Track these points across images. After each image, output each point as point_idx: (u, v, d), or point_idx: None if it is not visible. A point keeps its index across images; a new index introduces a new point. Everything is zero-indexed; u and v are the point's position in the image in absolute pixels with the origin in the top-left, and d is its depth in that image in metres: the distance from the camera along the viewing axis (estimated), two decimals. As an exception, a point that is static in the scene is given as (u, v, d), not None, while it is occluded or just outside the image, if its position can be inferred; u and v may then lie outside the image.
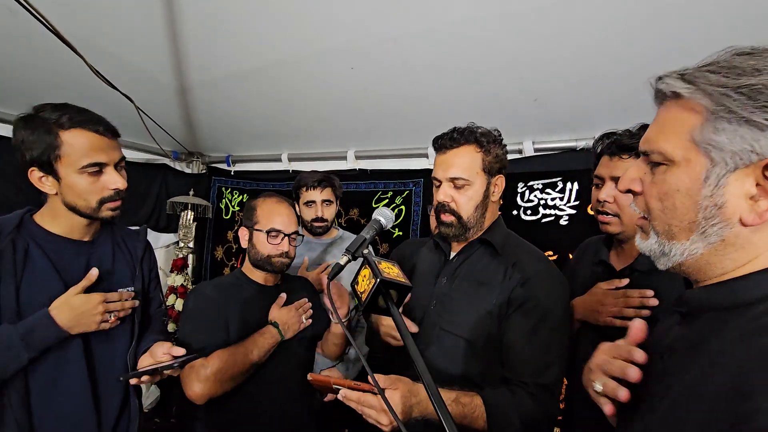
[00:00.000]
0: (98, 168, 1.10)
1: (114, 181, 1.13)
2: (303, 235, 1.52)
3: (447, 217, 1.22)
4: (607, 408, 0.67)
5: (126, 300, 1.21)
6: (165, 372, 1.12)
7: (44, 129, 1.05)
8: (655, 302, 1.13)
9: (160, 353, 1.15)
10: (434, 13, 1.34)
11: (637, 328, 0.67)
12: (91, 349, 1.17)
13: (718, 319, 0.56)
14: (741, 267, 0.55)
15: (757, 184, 0.52)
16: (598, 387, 0.69)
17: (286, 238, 1.45)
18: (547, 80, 1.70)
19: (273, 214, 1.45)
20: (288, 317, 1.44)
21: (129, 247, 1.31)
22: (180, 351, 1.15)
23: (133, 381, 1.14)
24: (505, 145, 1.26)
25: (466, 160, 1.19)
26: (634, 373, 0.62)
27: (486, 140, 1.20)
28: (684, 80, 0.56)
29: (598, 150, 1.30)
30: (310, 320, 1.51)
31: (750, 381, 0.46)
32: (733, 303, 0.55)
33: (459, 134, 1.20)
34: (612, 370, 0.66)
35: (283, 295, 1.49)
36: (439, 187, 1.24)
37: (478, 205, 1.21)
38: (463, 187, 1.19)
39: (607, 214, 1.23)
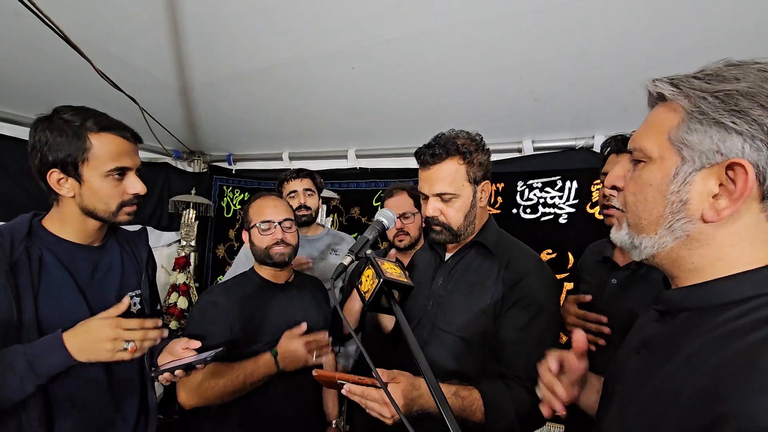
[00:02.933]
0: (122, 172, 1.11)
1: (134, 185, 1.13)
2: (297, 217, 1.52)
3: (437, 228, 1.23)
4: (545, 410, 0.83)
5: (149, 328, 1.05)
6: (197, 366, 1.13)
7: (72, 131, 1.03)
8: (607, 331, 1.25)
9: (179, 349, 1.17)
10: (435, 14, 1.35)
11: (578, 340, 0.79)
12: None
13: (694, 319, 0.59)
14: (711, 265, 0.58)
15: (720, 184, 0.55)
16: (539, 393, 0.86)
17: (279, 225, 1.46)
18: (546, 80, 1.72)
19: (261, 208, 1.49)
20: (293, 349, 1.38)
21: (134, 250, 1.31)
22: (197, 343, 1.17)
23: (165, 376, 1.11)
24: (488, 150, 1.25)
25: (450, 175, 1.17)
26: (557, 405, 0.81)
27: (468, 150, 1.17)
28: (671, 84, 0.60)
29: (606, 151, 1.38)
30: (321, 359, 1.43)
31: (725, 384, 0.48)
32: (710, 304, 0.57)
33: (441, 148, 1.17)
34: (546, 383, 0.83)
35: (303, 326, 1.44)
36: (426, 200, 1.24)
37: (467, 214, 1.22)
38: (451, 200, 1.19)
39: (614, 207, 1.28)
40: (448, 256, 1.32)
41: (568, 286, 2.14)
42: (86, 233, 1.15)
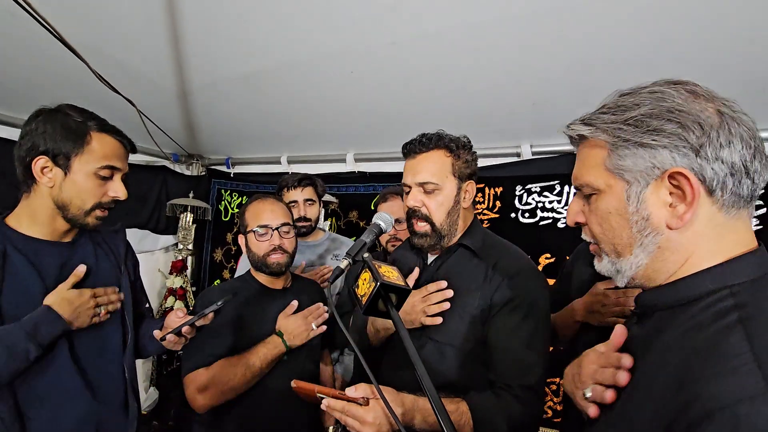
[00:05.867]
0: (111, 173, 1.13)
1: (117, 189, 1.15)
2: (296, 227, 1.51)
3: (420, 227, 1.20)
4: (593, 411, 0.70)
5: (111, 294, 1.20)
6: (196, 324, 1.17)
7: (75, 125, 1.08)
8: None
9: (175, 318, 1.19)
10: (433, 18, 1.35)
11: (620, 333, 0.71)
12: (80, 353, 1.14)
13: (667, 317, 0.63)
14: (681, 268, 0.62)
15: (670, 193, 0.60)
16: (588, 393, 0.72)
17: (276, 231, 1.43)
18: (544, 84, 1.71)
19: (258, 212, 1.46)
20: (295, 326, 1.39)
21: (110, 247, 1.29)
22: (189, 316, 1.19)
23: (170, 338, 1.16)
24: (475, 152, 1.25)
25: (435, 165, 1.18)
26: (623, 378, 0.64)
27: (455, 145, 1.19)
28: (585, 124, 0.67)
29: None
30: (324, 326, 1.44)
31: (689, 372, 0.52)
32: (677, 301, 0.62)
33: (428, 139, 1.19)
34: (604, 379, 0.69)
35: (294, 303, 1.44)
36: (408, 193, 1.22)
37: (450, 210, 1.19)
38: (434, 191, 1.18)
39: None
40: (430, 258, 1.29)
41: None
42: (54, 230, 1.14)
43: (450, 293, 1.16)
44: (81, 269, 1.14)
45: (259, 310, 1.44)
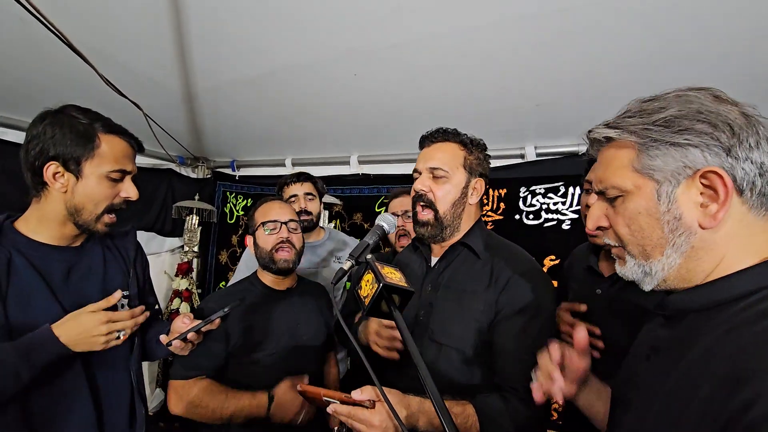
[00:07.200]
0: (122, 176, 1.13)
1: (128, 190, 1.15)
2: (303, 222, 1.52)
3: (423, 215, 1.21)
4: (537, 395, 0.85)
5: (138, 316, 1.15)
6: (203, 330, 1.16)
7: (83, 128, 1.06)
8: (600, 345, 1.20)
9: (181, 324, 1.18)
10: (437, 19, 1.35)
11: (580, 338, 0.81)
12: (88, 358, 1.12)
13: (702, 318, 0.62)
14: (716, 268, 0.61)
15: (701, 193, 0.60)
16: (535, 377, 0.87)
17: (284, 225, 1.47)
18: (549, 86, 1.71)
19: (267, 209, 1.50)
20: (289, 401, 1.32)
21: (120, 249, 1.28)
22: (196, 321, 1.18)
23: (176, 344, 1.15)
24: (489, 155, 1.28)
25: (447, 154, 1.21)
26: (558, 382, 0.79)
27: (470, 141, 1.23)
28: (610, 127, 0.67)
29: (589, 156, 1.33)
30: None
31: (745, 368, 0.50)
32: (715, 302, 0.60)
33: (444, 131, 1.24)
34: (543, 370, 0.84)
35: (305, 378, 1.36)
36: (417, 179, 1.25)
37: (456, 201, 1.20)
38: (442, 178, 1.19)
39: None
40: (434, 260, 1.29)
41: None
42: (62, 235, 1.13)
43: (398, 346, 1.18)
44: (116, 295, 1.11)
45: (263, 312, 1.45)
